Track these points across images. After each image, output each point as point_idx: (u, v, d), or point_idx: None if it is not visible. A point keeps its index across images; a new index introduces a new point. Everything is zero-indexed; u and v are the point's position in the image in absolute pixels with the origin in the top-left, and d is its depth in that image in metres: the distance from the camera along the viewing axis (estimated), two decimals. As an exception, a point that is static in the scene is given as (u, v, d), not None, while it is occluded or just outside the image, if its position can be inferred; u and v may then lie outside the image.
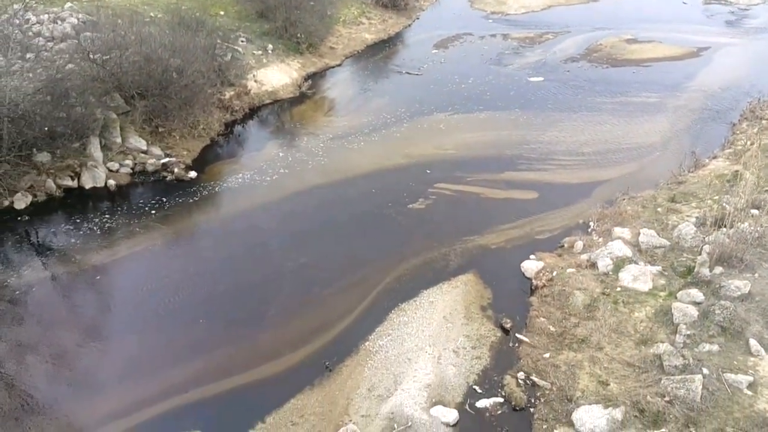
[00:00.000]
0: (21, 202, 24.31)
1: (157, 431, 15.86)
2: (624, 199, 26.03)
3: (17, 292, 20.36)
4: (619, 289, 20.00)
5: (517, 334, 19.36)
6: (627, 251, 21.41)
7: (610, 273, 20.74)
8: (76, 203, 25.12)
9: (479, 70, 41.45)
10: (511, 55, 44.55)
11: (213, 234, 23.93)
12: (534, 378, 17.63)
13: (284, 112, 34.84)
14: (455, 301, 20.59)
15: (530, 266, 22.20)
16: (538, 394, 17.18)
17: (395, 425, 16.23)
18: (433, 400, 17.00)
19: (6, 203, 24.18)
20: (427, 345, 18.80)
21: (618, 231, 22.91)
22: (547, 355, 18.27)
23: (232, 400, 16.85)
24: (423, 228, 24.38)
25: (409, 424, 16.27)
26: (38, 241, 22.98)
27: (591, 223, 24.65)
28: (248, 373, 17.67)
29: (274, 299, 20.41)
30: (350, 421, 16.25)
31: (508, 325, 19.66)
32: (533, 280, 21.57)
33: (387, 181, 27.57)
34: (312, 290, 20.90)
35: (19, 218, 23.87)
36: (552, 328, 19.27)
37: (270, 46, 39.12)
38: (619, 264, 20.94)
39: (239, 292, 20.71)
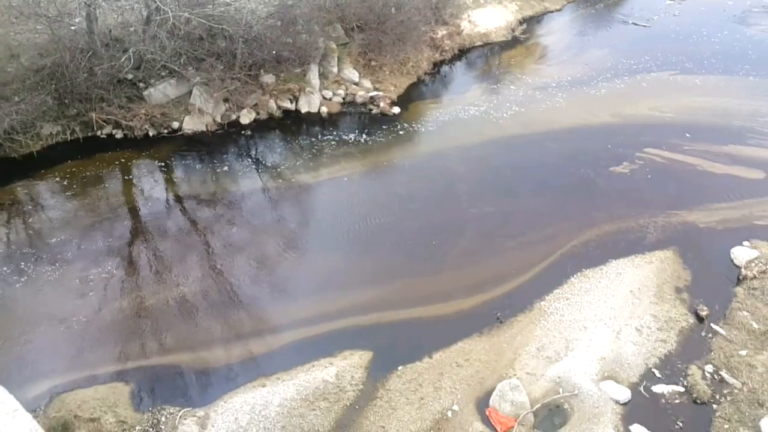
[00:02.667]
0: (246, 117, 26.67)
1: (335, 344, 17.08)
2: None
3: (234, 198, 22.68)
4: None
5: (712, 324, 17.73)
6: None
7: (843, 278, 17.93)
8: (292, 125, 27.03)
9: (718, 27, 37.11)
10: (760, 14, 39.11)
11: (406, 170, 24.54)
12: (723, 374, 16.14)
13: (493, 56, 34.21)
14: (647, 277, 19.31)
15: (742, 253, 20.02)
16: (725, 391, 15.74)
17: (560, 390, 15.87)
18: (605, 374, 16.30)
19: (234, 117, 26.67)
20: (608, 317, 17.94)
21: None
22: (743, 353, 16.56)
23: (405, 331, 17.57)
24: (622, 194, 23.03)
25: (576, 392, 15.80)
26: (256, 155, 25.25)
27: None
28: (422, 308, 18.22)
29: (456, 243, 20.63)
30: (514, 375, 16.20)
31: (703, 313, 18.02)
32: (742, 270, 19.47)
33: (590, 140, 26.25)
34: (494, 240, 20.81)
35: (243, 132, 26.27)
36: (755, 325, 17.36)
37: (489, -14, 38.32)
38: None
39: (424, 229, 21.18)
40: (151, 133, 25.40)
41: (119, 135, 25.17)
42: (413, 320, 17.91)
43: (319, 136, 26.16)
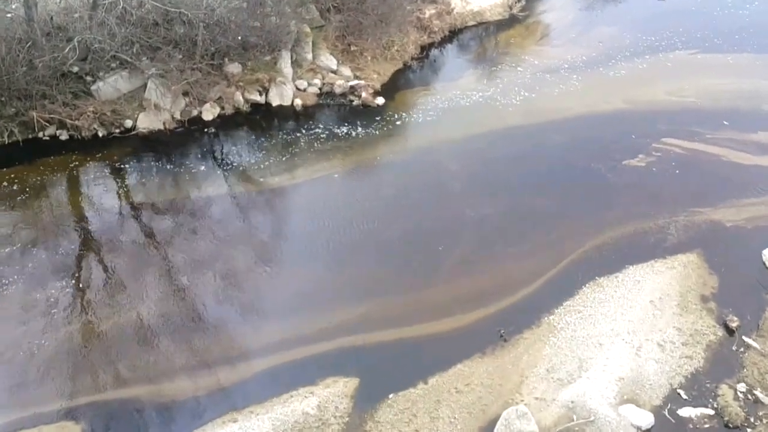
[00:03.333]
0: (209, 113, 26.58)
1: (316, 371, 16.93)
2: None
3: (198, 205, 22.53)
4: None
5: (744, 337, 17.79)
6: None
7: None
8: (262, 120, 26.96)
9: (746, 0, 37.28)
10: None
11: (394, 169, 24.53)
12: (758, 393, 16.23)
13: (489, 37, 34.29)
14: (668, 285, 19.37)
15: (775, 255, 20.14)
16: (761, 413, 15.80)
17: (574, 416, 15.86)
18: (625, 396, 16.32)
19: (195, 112, 26.55)
20: (625, 331, 17.97)
21: None
22: (780, 369, 16.68)
23: (395, 353, 17.48)
24: (638, 191, 23.13)
25: (592, 418, 15.80)
26: (222, 156, 25.10)
27: None
28: (414, 326, 18.16)
29: (451, 250, 20.60)
30: (522, 401, 16.17)
31: (733, 324, 18.09)
32: (776, 274, 19.60)
33: (600, 129, 26.40)
34: (494, 246, 20.83)
35: (206, 130, 26.15)
36: (793, 337, 17.47)
37: (483, -42, 38.35)
38: None
39: (415, 236, 21.16)
40: (100, 134, 25.23)
41: (64, 136, 24.98)
42: (405, 341, 17.82)
43: (294, 133, 26.10)
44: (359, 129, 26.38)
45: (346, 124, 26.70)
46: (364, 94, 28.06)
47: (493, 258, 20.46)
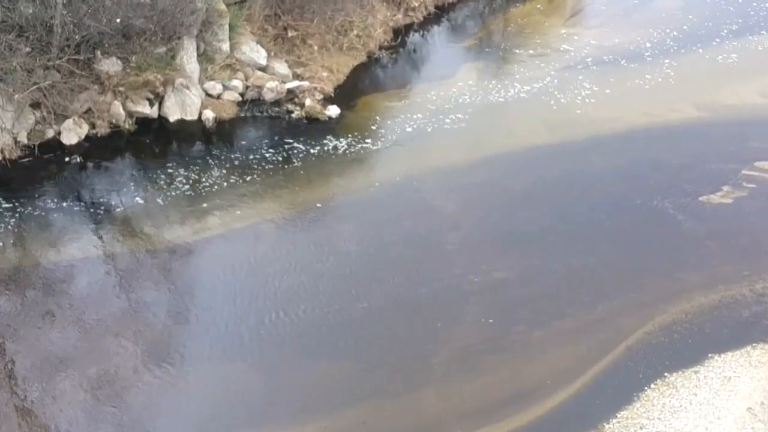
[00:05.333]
0: (72, 133, 26.11)
1: None
2: None
3: (55, 276, 21.91)
4: None
5: None
6: None
7: None
8: (154, 143, 26.70)
9: None
10: None
11: (358, 213, 24.45)
12: None
13: (495, 15, 34.80)
14: (775, 384, 19.32)
15: None
16: None
17: None
18: None
19: (50, 134, 26.14)
20: (714, 457, 17.75)
21: None
22: None
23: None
24: (724, 241, 23.34)
25: None
26: (92, 198, 24.63)
27: None
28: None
29: (447, 335, 20.47)
30: None
31: None
32: None
33: (664, 149, 26.68)
34: (512, 327, 20.78)
35: (67, 159, 25.68)
36: None
37: None
38: None
39: (391, 314, 21.04)
40: None
41: None
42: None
43: (202, 161, 25.96)
44: (302, 154, 26.36)
45: (282, 146, 26.68)
46: (308, 102, 28.04)
47: (509, 347, 20.40)
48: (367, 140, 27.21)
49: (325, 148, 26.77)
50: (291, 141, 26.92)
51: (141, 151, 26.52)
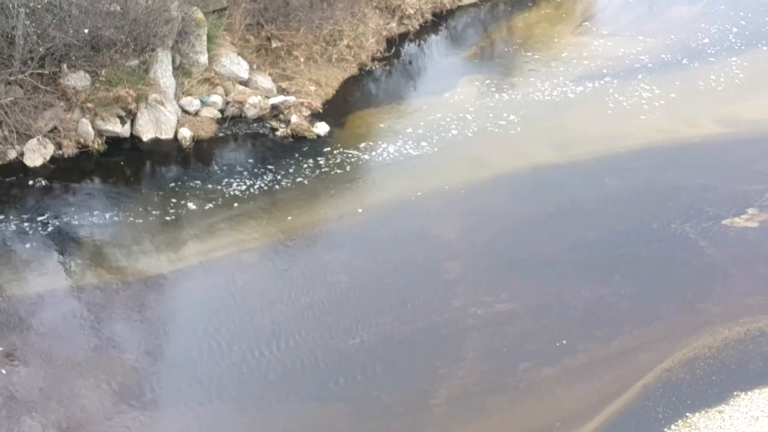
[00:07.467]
0: (36, 155, 25.52)
1: None
2: None
3: (16, 310, 21.24)
4: None
5: None
6: None
7: None
8: (126, 164, 26.26)
9: None
10: None
11: (347, 239, 24.20)
12: None
13: (497, 23, 34.99)
14: (809, 425, 18.81)
15: None
16: None
17: None
18: None
19: (12, 155, 25.56)
20: None
21: None
22: None
23: None
24: (751, 268, 23.17)
25: None
26: (57, 225, 23.97)
27: None
28: None
29: (447, 373, 19.99)
30: None
31: None
32: None
33: (684, 168, 26.67)
34: (518, 364, 20.26)
35: (30, 182, 25.10)
36: None
37: None
38: None
39: (385, 350, 20.58)
40: None
41: None
42: None
43: (179, 185, 25.55)
44: (288, 175, 26.03)
45: (265, 167, 26.37)
46: (294, 118, 27.68)
47: (514, 386, 19.81)
48: (359, 160, 27.10)
49: (313, 168, 26.58)
50: (275, 161, 26.75)
51: (112, 173, 26.14)
